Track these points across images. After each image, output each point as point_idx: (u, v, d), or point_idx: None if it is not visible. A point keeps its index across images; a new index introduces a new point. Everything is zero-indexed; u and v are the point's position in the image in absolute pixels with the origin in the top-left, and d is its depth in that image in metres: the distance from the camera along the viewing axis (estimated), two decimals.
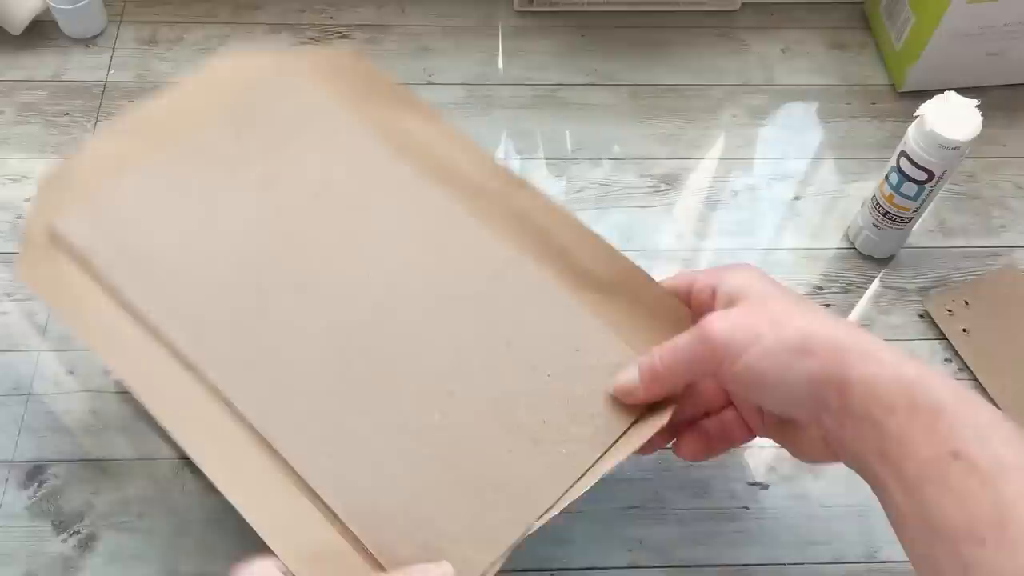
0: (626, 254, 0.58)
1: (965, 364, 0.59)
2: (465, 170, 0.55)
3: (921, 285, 0.63)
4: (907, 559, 0.52)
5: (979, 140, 0.55)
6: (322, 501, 0.44)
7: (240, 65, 0.58)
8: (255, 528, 0.42)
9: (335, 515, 0.44)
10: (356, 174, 0.54)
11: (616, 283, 0.51)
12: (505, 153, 0.68)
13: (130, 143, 0.54)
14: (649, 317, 0.50)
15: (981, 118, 0.54)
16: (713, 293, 0.46)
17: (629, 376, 0.46)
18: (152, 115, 0.56)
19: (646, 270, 0.50)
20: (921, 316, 0.61)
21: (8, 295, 0.60)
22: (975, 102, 0.55)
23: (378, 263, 0.51)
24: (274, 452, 0.45)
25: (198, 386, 0.46)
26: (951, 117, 0.54)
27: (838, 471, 0.54)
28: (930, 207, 0.63)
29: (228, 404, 0.46)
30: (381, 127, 0.56)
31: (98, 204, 0.52)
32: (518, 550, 0.43)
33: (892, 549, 0.52)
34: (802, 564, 0.52)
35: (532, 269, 0.51)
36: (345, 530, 0.44)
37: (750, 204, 0.66)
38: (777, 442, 0.46)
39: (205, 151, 0.55)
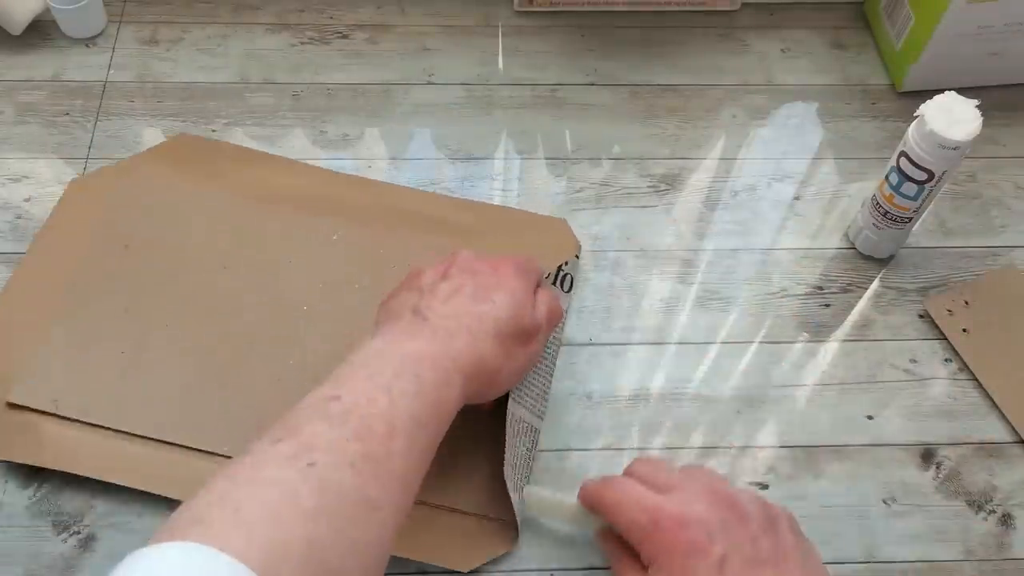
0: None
1: (965, 364, 0.59)
2: (327, 191, 0.63)
3: (921, 285, 0.63)
4: (907, 559, 0.52)
5: (979, 140, 0.55)
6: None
7: (89, 190, 0.62)
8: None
9: None
10: (246, 236, 0.60)
11: (491, 223, 0.62)
12: (505, 153, 0.68)
13: (33, 300, 0.57)
14: (528, 231, 0.62)
15: (981, 118, 0.54)
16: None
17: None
18: (37, 267, 0.58)
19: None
20: (921, 316, 0.61)
21: None
22: (975, 102, 0.55)
23: (303, 299, 0.57)
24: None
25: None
26: (951, 117, 0.54)
27: (838, 472, 0.55)
28: (930, 207, 0.63)
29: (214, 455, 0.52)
30: (242, 189, 0.62)
31: (38, 363, 0.54)
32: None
33: (892, 549, 0.52)
34: None
35: (415, 245, 0.60)
36: None
37: (750, 204, 0.66)
38: None
39: (104, 273, 0.58)
